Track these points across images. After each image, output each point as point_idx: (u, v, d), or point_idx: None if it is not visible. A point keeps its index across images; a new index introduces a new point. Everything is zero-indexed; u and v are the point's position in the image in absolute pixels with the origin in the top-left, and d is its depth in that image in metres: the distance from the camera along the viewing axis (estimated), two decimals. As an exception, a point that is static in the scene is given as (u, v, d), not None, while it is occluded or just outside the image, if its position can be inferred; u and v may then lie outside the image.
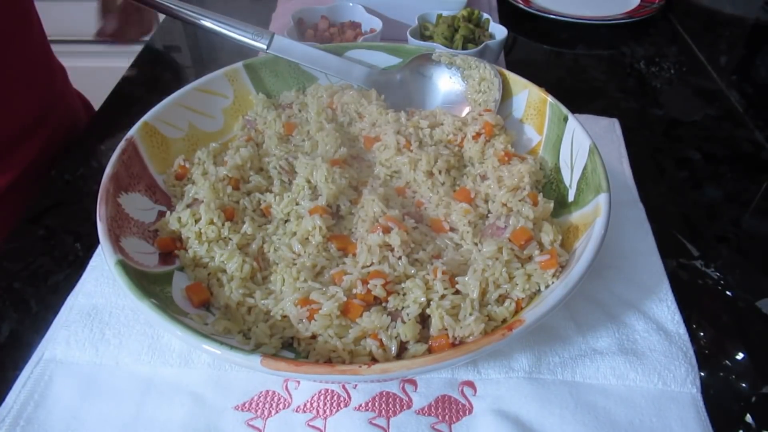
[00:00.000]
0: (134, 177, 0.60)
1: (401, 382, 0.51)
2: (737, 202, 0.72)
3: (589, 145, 0.57)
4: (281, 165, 0.64)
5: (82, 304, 0.57)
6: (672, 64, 1.02)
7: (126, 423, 0.48)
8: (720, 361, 0.53)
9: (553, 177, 0.63)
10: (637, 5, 1.17)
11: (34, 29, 0.84)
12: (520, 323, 0.43)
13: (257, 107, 0.72)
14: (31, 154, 0.80)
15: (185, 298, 0.52)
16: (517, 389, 0.50)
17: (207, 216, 0.56)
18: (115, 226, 0.53)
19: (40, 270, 0.62)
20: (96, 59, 1.81)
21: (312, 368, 0.41)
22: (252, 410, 0.49)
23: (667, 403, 0.49)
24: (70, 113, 0.92)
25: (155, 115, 0.64)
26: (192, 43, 1.12)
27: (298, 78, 0.76)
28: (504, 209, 0.58)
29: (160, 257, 0.55)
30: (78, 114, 0.96)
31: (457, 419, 0.48)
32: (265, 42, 0.69)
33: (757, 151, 0.81)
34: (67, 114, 0.90)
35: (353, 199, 0.61)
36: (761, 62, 0.97)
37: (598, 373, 0.51)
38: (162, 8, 0.69)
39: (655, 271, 0.60)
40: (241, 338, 0.49)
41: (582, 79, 0.97)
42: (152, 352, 0.53)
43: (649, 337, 0.53)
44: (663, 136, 0.84)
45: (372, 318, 0.48)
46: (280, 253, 0.56)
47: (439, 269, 0.50)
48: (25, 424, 0.48)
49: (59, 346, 0.53)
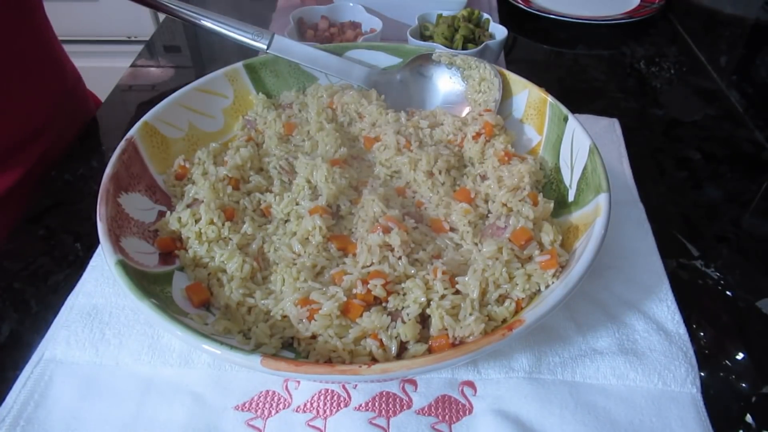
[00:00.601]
0: (134, 177, 0.60)
1: (401, 382, 0.51)
2: (737, 202, 0.72)
3: (589, 145, 0.57)
4: (281, 165, 0.64)
5: (82, 304, 0.57)
6: (672, 64, 1.02)
7: (126, 423, 0.48)
8: (720, 361, 0.53)
9: (553, 177, 0.63)
10: (637, 5, 1.17)
11: (42, 30, 0.84)
12: (520, 323, 0.43)
13: (257, 107, 0.72)
14: (39, 154, 0.80)
15: (185, 298, 0.52)
16: (517, 389, 0.50)
17: (207, 216, 0.56)
18: (115, 226, 0.53)
19: (40, 270, 0.62)
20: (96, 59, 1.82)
21: (312, 368, 0.41)
22: (252, 410, 0.49)
23: (667, 403, 0.49)
24: (81, 115, 0.91)
25: (155, 115, 0.64)
26: (192, 43, 1.12)
27: (298, 78, 0.76)
28: (504, 209, 0.58)
29: (160, 257, 0.55)
30: (90, 115, 0.96)
31: (457, 419, 0.48)
32: (265, 42, 0.69)
33: (757, 151, 0.81)
34: (77, 115, 0.90)
35: (353, 199, 0.61)
36: (761, 62, 0.97)
37: (598, 373, 0.51)
38: (162, 8, 0.69)
39: (655, 271, 0.60)
40: (241, 338, 0.49)
41: (582, 79, 0.97)
42: (152, 352, 0.53)
43: (649, 337, 0.53)
44: (663, 136, 0.84)
45: (372, 318, 0.48)
46: (280, 253, 0.56)
47: (439, 269, 0.50)
48: (25, 424, 0.48)
49: (59, 346, 0.53)
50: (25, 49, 0.79)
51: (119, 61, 1.20)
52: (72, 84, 0.92)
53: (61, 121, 0.85)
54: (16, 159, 0.77)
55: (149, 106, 0.65)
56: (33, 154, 0.80)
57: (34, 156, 0.80)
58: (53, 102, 0.84)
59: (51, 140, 0.82)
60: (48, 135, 0.82)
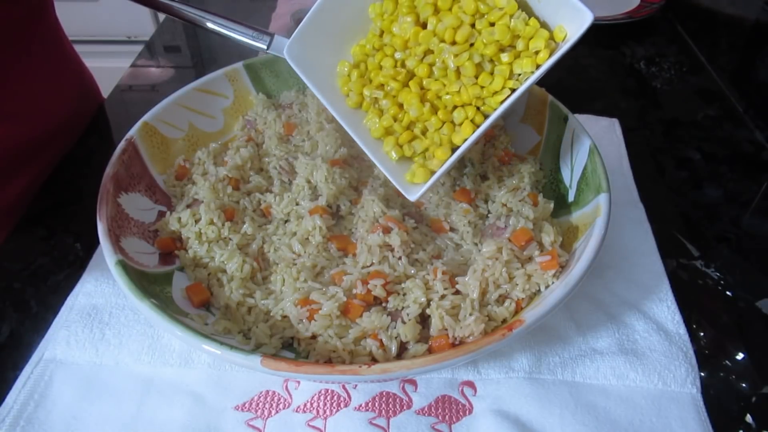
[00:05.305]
0: (134, 177, 0.60)
1: (401, 382, 0.51)
2: (737, 202, 0.72)
3: (589, 145, 0.57)
4: (281, 165, 0.64)
5: (82, 304, 0.57)
6: (672, 64, 1.02)
7: (126, 423, 0.48)
8: (720, 361, 0.53)
9: (553, 177, 0.63)
10: (637, 5, 1.17)
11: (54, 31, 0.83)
12: (520, 323, 0.43)
13: (257, 107, 0.72)
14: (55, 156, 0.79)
15: (185, 298, 0.52)
16: (517, 389, 0.50)
17: (207, 216, 0.56)
18: (115, 226, 0.53)
19: (40, 270, 0.62)
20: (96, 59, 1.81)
21: (312, 368, 0.41)
22: (252, 410, 0.49)
23: (667, 403, 0.49)
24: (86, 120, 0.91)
25: (155, 115, 0.64)
26: (192, 43, 1.12)
27: (298, 78, 0.75)
28: (504, 209, 0.58)
29: (160, 257, 0.55)
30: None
31: (457, 419, 0.48)
32: (265, 42, 0.69)
33: (757, 151, 0.81)
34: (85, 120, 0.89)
35: (353, 199, 0.61)
36: (761, 62, 0.97)
37: (598, 373, 0.51)
38: (163, 8, 0.69)
39: (655, 271, 0.60)
40: (241, 338, 0.49)
41: (582, 79, 0.97)
42: (152, 352, 0.53)
43: (649, 337, 0.53)
44: (663, 136, 0.84)
45: (372, 318, 0.48)
46: (280, 254, 0.56)
47: (439, 269, 0.51)
48: (25, 424, 0.48)
49: (59, 346, 0.53)
50: (39, 50, 0.78)
51: (119, 61, 1.20)
52: (87, 85, 0.92)
53: (77, 122, 0.84)
54: (33, 161, 0.76)
55: (149, 106, 0.65)
56: (50, 156, 0.79)
57: (51, 158, 0.79)
58: (70, 103, 0.84)
59: (65, 142, 0.81)
60: (64, 137, 0.81)
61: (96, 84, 0.95)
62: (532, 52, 0.47)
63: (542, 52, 0.47)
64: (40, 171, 0.76)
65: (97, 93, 0.95)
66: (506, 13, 0.47)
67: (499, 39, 0.47)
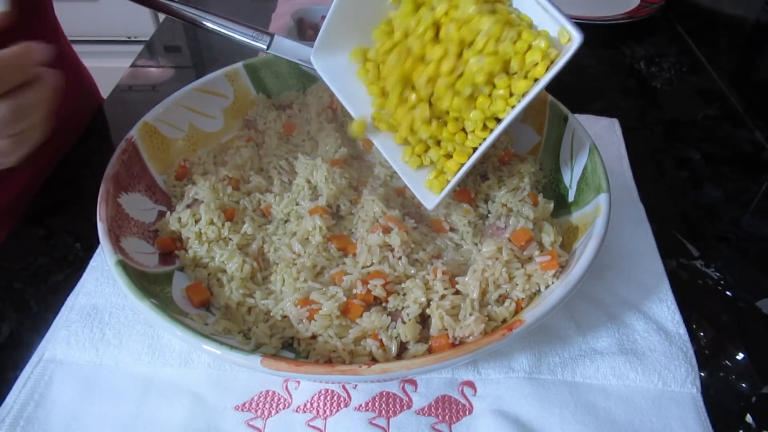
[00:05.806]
0: (134, 177, 0.60)
1: (401, 382, 0.51)
2: (737, 202, 0.72)
3: (589, 145, 0.57)
4: (281, 165, 0.64)
5: (82, 304, 0.57)
6: (672, 64, 1.02)
7: (126, 423, 0.48)
8: (720, 361, 0.53)
9: (553, 177, 0.63)
10: (637, 5, 1.17)
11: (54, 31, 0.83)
12: (520, 323, 0.43)
13: (257, 107, 0.72)
14: (50, 158, 0.79)
15: (185, 298, 0.52)
16: (517, 389, 0.50)
17: (207, 216, 0.56)
18: (115, 226, 0.53)
19: (40, 270, 0.62)
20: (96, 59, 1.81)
21: (312, 368, 0.41)
22: (252, 410, 0.49)
23: (667, 403, 0.49)
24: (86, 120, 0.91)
25: (155, 115, 0.64)
26: (192, 43, 1.12)
27: (298, 78, 0.76)
28: (504, 209, 0.58)
29: (160, 257, 0.55)
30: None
31: (457, 419, 0.48)
32: (265, 42, 0.69)
33: (757, 151, 0.81)
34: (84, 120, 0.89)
35: (353, 199, 0.61)
36: (761, 62, 0.97)
37: (598, 373, 0.51)
38: (162, 8, 0.69)
39: (655, 271, 0.60)
40: (241, 338, 0.49)
41: (582, 79, 0.97)
42: (152, 352, 0.53)
43: (649, 337, 0.53)
44: (663, 136, 0.84)
45: (372, 318, 0.48)
46: (280, 254, 0.56)
47: (439, 269, 0.51)
48: (25, 424, 0.48)
49: (59, 346, 0.53)
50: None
51: (119, 61, 1.20)
52: (86, 85, 0.91)
53: (77, 122, 0.84)
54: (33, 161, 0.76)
55: (149, 106, 0.65)
56: (49, 155, 0.79)
57: (50, 158, 0.79)
58: (69, 104, 0.84)
59: (65, 142, 0.81)
60: (63, 137, 0.81)
61: (95, 84, 0.95)
62: (531, 65, 0.45)
63: (539, 65, 0.45)
64: (40, 170, 0.76)
65: (97, 93, 0.95)
66: (491, 38, 0.45)
67: (487, 68, 0.45)
